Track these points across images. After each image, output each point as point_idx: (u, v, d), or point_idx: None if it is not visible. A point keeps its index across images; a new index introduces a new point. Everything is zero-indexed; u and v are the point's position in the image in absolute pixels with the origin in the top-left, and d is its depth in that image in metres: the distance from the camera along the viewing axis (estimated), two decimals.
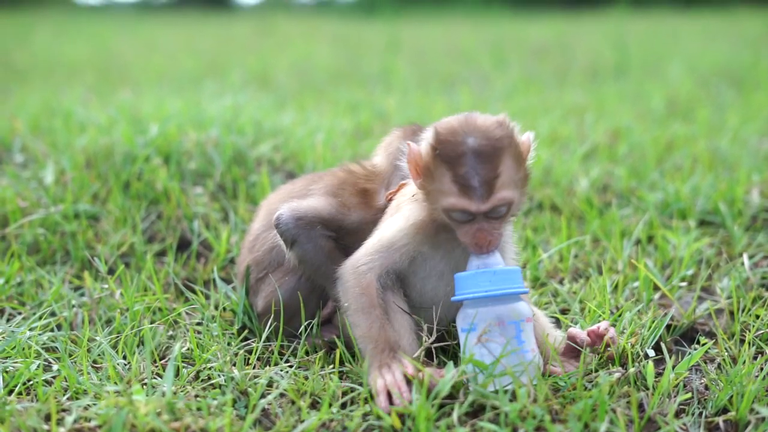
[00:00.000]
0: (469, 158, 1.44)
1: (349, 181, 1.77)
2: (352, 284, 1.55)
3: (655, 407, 1.46)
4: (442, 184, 1.47)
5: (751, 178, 2.75)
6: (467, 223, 1.48)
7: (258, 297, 1.80)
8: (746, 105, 4.53)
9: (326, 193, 1.75)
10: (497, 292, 1.48)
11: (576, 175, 2.89)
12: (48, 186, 2.49)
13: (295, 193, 1.81)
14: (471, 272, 1.51)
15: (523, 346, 1.48)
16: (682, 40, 8.46)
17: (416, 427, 1.37)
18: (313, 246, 1.69)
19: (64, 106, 3.56)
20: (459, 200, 1.46)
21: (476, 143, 1.45)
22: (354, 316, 1.54)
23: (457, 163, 1.45)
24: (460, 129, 1.47)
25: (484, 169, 1.44)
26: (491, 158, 1.45)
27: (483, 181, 1.44)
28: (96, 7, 17.85)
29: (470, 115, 1.51)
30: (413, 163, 1.52)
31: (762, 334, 1.76)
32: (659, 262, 2.18)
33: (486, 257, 1.51)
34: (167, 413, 1.39)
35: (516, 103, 4.63)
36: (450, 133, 1.47)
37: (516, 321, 1.48)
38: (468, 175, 1.44)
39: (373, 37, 9.09)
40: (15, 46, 8.21)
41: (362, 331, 1.52)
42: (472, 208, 1.46)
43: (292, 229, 1.69)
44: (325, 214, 1.71)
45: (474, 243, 1.49)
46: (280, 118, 3.51)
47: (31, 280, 2.06)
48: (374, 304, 1.53)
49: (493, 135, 1.46)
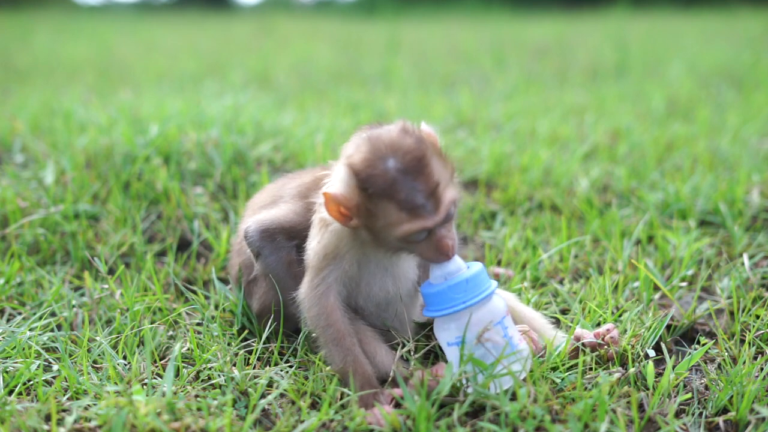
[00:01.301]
0: (402, 181, 1.39)
1: (323, 180, 1.75)
2: (315, 312, 1.53)
3: (655, 407, 1.46)
4: (389, 216, 1.41)
5: (752, 178, 2.75)
6: (424, 240, 1.44)
7: (252, 299, 1.80)
8: (746, 105, 4.53)
9: (296, 195, 1.74)
10: (474, 300, 1.47)
11: (576, 175, 2.89)
12: (48, 186, 2.49)
13: (275, 191, 1.81)
14: (441, 286, 1.48)
15: (512, 341, 1.48)
16: (682, 40, 8.46)
17: (416, 427, 1.37)
18: (275, 258, 1.69)
19: (65, 106, 3.56)
20: (413, 223, 1.41)
21: (400, 162, 1.39)
22: (325, 348, 1.53)
23: (394, 191, 1.39)
24: (375, 157, 1.40)
25: (421, 184, 1.40)
26: (421, 170, 1.40)
27: (427, 194, 1.40)
28: (96, 7, 17.87)
29: (372, 137, 1.44)
30: (338, 209, 1.45)
31: (762, 335, 1.76)
32: (659, 262, 2.18)
33: (447, 264, 1.48)
34: (167, 413, 1.39)
35: (516, 103, 4.63)
36: (369, 167, 1.40)
37: (499, 321, 1.48)
38: (411, 197, 1.39)
39: (374, 37, 9.09)
40: (15, 46, 8.21)
41: (337, 366, 1.51)
42: (428, 225, 1.41)
43: (256, 242, 1.70)
44: (287, 222, 1.70)
45: (438, 254, 1.46)
46: (281, 119, 3.51)
47: (31, 280, 2.06)
48: (342, 334, 1.51)
49: (408, 147, 1.41)
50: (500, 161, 3.03)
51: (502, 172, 2.94)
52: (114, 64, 6.87)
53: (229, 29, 11.03)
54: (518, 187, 2.75)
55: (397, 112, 4.16)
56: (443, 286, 1.48)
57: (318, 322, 1.53)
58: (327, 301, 1.53)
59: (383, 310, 1.62)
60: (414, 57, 7.23)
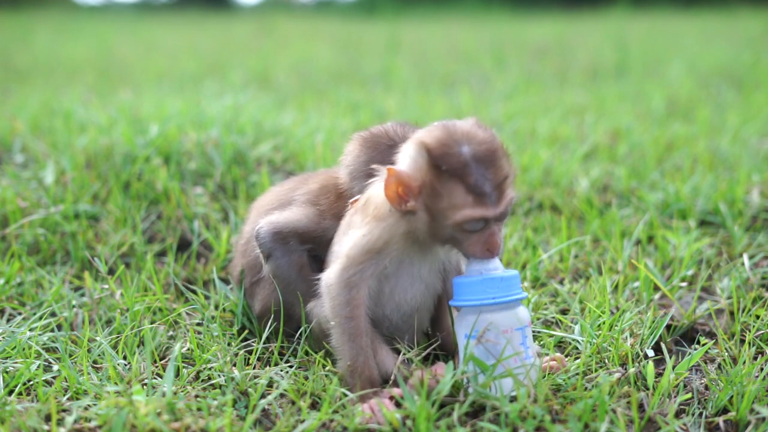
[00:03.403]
0: (474, 166, 1.41)
1: (330, 187, 1.75)
2: (342, 301, 1.50)
3: (655, 407, 1.46)
4: (454, 198, 1.41)
5: (751, 178, 2.75)
6: (478, 232, 1.45)
7: (254, 300, 1.80)
8: (746, 105, 4.53)
9: (306, 201, 1.74)
10: (505, 299, 1.47)
11: (576, 175, 2.89)
12: (48, 186, 2.49)
13: (282, 195, 1.81)
14: (477, 278, 1.48)
15: (527, 351, 1.48)
16: (682, 40, 8.46)
17: (416, 427, 1.37)
18: (287, 261, 1.69)
19: (65, 106, 3.56)
20: (475, 210, 1.41)
21: (474, 150, 1.41)
22: (339, 339, 1.51)
23: (465, 173, 1.40)
24: (451, 139, 1.42)
25: (491, 174, 1.41)
26: (493, 161, 1.42)
27: (494, 185, 1.42)
28: (96, 7, 17.88)
29: (447, 124, 1.46)
30: (399, 187, 1.44)
31: (762, 335, 1.76)
32: (659, 263, 2.18)
33: (487, 262, 1.48)
34: (167, 413, 1.39)
35: (516, 103, 4.63)
36: (444, 146, 1.42)
37: (521, 327, 1.48)
38: (480, 183, 1.40)
39: (374, 37, 9.09)
40: (15, 46, 8.21)
41: (347, 361, 1.50)
42: (489, 215, 1.42)
43: (268, 243, 1.70)
44: (301, 227, 1.70)
45: (486, 249, 1.46)
46: (281, 118, 3.51)
47: (31, 281, 2.06)
48: (361, 332, 1.50)
49: (483, 138, 1.44)
50: None
51: None
52: (114, 64, 6.87)
53: (229, 29, 11.03)
54: (518, 187, 2.75)
55: (397, 112, 4.16)
56: (478, 278, 1.48)
57: (342, 311, 1.50)
58: (358, 293, 1.50)
59: (405, 321, 1.62)
60: (414, 57, 7.23)
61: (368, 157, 1.69)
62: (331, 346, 1.53)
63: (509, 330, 1.47)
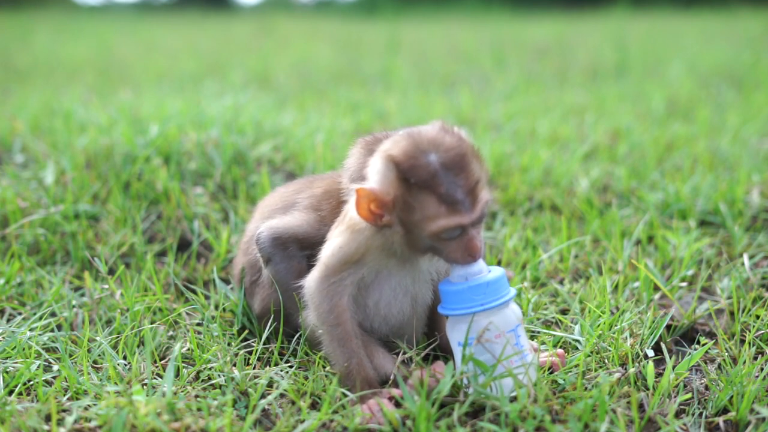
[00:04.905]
0: (443, 175, 1.39)
1: (333, 192, 1.74)
2: (326, 309, 1.51)
3: (655, 407, 1.46)
4: (427, 209, 1.40)
5: (752, 178, 2.75)
6: (456, 239, 1.43)
7: (254, 299, 1.80)
8: (746, 105, 4.53)
9: (309, 206, 1.74)
10: (492, 304, 1.46)
11: (576, 175, 2.89)
12: (48, 186, 2.49)
13: (287, 197, 1.81)
14: (461, 286, 1.47)
15: (522, 351, 1.48)
16: (682, 40, 8.46)
17: (416, 427, 1.37)
18: (285, 267, 1.69)
19: (65, 106, 3.56)
20: (450, 219, 1.40)
21: (442, 157, 1.39)
22: (329, 346, 1.52)
23: (435, 183, 1.38)
24: (417, 150, 1.40)
25: (462, 180, 1.39)
26: (462, 166, 1.40)
27: (467, 191, 1.40)
28: (96, 7, 17.88)
29: (412, 133, 1.44)
30: (371, 204, 1.43)
31: (762, 335, 1.76)
32: (659, 263, 2.18)
33: (471, 266, 1.47)
34: (167, 413, 1.39)
35: (516, 103, 4.63)
36: (411, 158, 1.39)
37: (513, 329, 1.48)
38: (451, 191, 1.38)
39: (374, 37, 9.09)
40: (15, 46, 8.21)
41: (339, 366, 1.51)
42: (465, 221, 1.40)
43: (267, 248, 1.70)
44: (301, 232, 1.70)
45: (467, 255, 1.44)
46: (281, 119, 3.51)
47: (31, 281, 2.06)
48: (350, 335, 1.50)
49: (450, 144, 1.41)
50: (500, 161, 3.03)
51: (502, 172, 2.94)
52: (114, 64, 6.87)
53: (229, 29, 11.03)
54: (518, 187, 2.75)
55: (397, 112, 4.16)
56: (463, 286, 1.47)
57: (327, 319, 1.51)
58: (340, 300, 1.51)
59: (395, 333, 1.61)
60: (414, 57, 7.23)
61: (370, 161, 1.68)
62: (324, 353, 1.54)
63: (501, 334, 1.46)
